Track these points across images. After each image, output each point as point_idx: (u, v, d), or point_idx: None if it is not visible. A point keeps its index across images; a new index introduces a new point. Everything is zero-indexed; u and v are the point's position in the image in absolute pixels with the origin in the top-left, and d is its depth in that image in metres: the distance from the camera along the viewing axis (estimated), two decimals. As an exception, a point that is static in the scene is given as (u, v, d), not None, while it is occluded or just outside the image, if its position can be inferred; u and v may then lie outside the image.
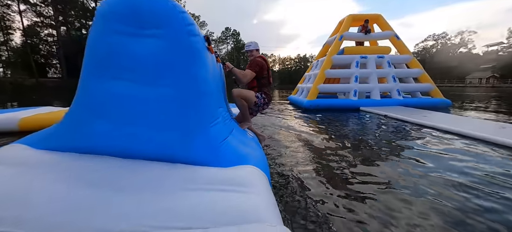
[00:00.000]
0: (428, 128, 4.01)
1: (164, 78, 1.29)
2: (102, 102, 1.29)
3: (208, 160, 1.30)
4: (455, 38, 49.80)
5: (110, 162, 1.22)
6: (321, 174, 2.07)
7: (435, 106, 6.95)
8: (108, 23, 1.29)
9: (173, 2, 1.33)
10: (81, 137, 1.30)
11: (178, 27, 1.30)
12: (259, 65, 2.46)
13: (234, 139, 1.65)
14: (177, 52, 1.31)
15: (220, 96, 1.94)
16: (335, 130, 4.00)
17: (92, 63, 1.33)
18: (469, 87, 32.64)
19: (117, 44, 1.28)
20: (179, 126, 1.31)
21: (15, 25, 25.46)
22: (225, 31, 46.26)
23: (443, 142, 3.13)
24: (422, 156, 2.56)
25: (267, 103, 2.61)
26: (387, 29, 8.12)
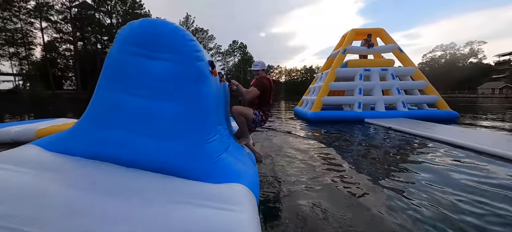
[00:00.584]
0: (432, 141, 4.01)
1: (173, 95, 1.49)
2: (115, 113, 1.48)
3: (202, 175, 1.40)
4: (464, 48, 49.08)
5: (113, 170, 1.35)
6: (319, 189, 2.10)
7: (442, 118, 6.88)
8: (127, 45, 1.51)
9: (184, 31, 1.55)
10: (91, 143, 1.46)
11: (187, 53, 1.52)
12: (264, 86, 2.63)
13: (229, 155, 1.74)
14: (185, 74, 1.50)
15: (220, 114, 2.09)
16: (339, 143, 4.06)
17: (110, 78, 1.53)
18: (481, 98, 31.67)
19: (133, 64, 1.49)
20: (181, 138, 1.46)
21: (37, 41, 27.25)
22: (232, 44, 47.57)
23: (446, 155, 3.15)
24: (424, 170, 2.59)
25: (264, 120, 2.78)
26: (390, 42, 8.24)
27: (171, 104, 1.47)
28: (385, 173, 2.49)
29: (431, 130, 4.63)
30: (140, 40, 1.48)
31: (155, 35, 1.48)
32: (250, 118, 2.61)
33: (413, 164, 2.78)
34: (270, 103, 2.74)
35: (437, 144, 3.76)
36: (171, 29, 1.50)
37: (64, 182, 1.17)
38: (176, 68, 1.48)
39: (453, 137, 3.89)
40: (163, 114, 1.46)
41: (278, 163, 2.84)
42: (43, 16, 26.44)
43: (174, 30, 1.50)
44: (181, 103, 1.48)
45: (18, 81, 28.28)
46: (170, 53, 1.49)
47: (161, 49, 1.49)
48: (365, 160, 3.01)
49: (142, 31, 1.49)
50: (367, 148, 3.66)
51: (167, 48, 1.48)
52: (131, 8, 32.91)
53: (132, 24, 1.53)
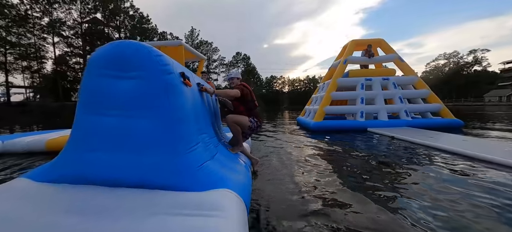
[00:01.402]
0: (435, 150, 4.00)
1: (145, 111, 1.53)
2: (93, 136, 1.53)
3: (184, 184, 1.43)
4: (468, 56, 48.89)
5: (97, 191, 1.39)
6: (318, 199, 2.12)
7: (446, 126, 6.83)
8: (97, 68, 1.57)
9: (150, 48, 1.61)
10: (74, 168, 1.52)
11: (154, 68, 1.56)
12: (242, 90, 2.67)
13: (216, 163, 1.77)
14: (154, 88, 1.55)
15: (201, 122, 2.07)
16: (340, 152, 4.09)
17: (85, 102, 1.60)
18: (488, 106, 31.14)
19: (104, 85, 1.55)
20: (159, 151, 1.49)
21: (48, 55, 28.39)
22: (236, 55, 48.56)
23: (450, 164, 3.14)
24: (429, 180, 2.59)
25: (260, 126, 2.82)
26: (390, 52, 8.36)
27: (144, 120, 1.53)
28: (389, 184, 2.48)
29: (435, 139, 4.62)
30: (109, 63, 1.56)
31: (122, 56, 1.55)
32: (246, 126, 2.65)
33: (418, 174, 2.77)
34: (256, 105, 2.80)
35: (443, 154, 3.75)
36: (137, 48, 1.57)
37: (46, 210, 1.21)
38: (145, 84, 1.54)
39: (458, 146, 3.87)
40: (138, 130, 1.51)
41: (277, 172, 2.89)
42: (55, 31, 27.69)
43: (140, 49, 1.57)
44: (154, 117, 1.53)
45: (29, 93, 29.27)
46: (138, 70, 1.55)
47: (129, 68, 1.55)
48: (367, 170, 3.03)
49: (110, 54, 1.57)
50: (370, 158, 3.66)
51: (134, 67, 1.55)
52: (138, 23, 34.25)
53: (100, 49, 1.62)
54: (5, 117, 16.50)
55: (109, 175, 1.47)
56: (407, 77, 8.03)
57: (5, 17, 23.83)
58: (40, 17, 26.76)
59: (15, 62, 26.06)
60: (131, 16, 34.00)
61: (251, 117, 2.70)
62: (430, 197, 2.06)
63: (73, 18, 29.00)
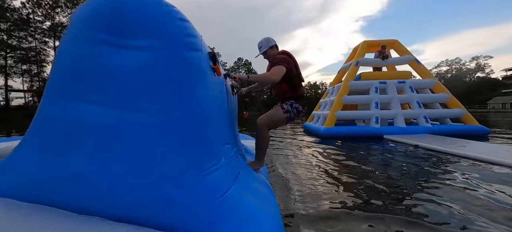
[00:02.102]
0: (475, 161, 3.43)
1: (149, 102, 0.95)
2: (64, 132, 0.96)
3: (200, 226, 0.89)
4: (470, 63, 48.72)
5: (55, 219, 0.84)
6: (334, 218, 1.65)
7: (470, 133, 6.28)
8: (82, 29, 0.98)
9: (169, 6, 1.03)
10: (29, 178, 0.95)
11: (173, 37, 1.00)
12: (286, 60, 1.84)
13: (241, 188, 1.17)
14: (170, 69, 0.98)
15: (227, 129, 1.52)
16: (358, 163, 3.53)
17: (58, 80, 1.01)
18: (493, 113, 30.60)
19: (89, 56, 0.97)
20: (164, 169, 0.93)
21: (49, 59, 28.15)
22: (237, 61, 48.57)
23: (500, 178, 2.60)
24: (471, 198, 2.06)
25: (302, 111, 1.96)
26: (406, 54, 7.90)
27: (151, 115, 0.96)
28: (419, 204, 1.96)
29: (469, 149, 4.07)
30: (104, 21, 0.97)
31: (127, 12, 0.96)
32: (283, 122, 1.89)
33: (457, 192, 2.23)
34: (302, 80, 2.00)
35: (484, 165, 3.20)
36: (151, 2, 0.99)
37: None
38: (158, 60, 0.98)
39: (502, 157, 3.33)
40: (139, 132, 0.94)
41: (289, 186, 2.35)
42: (57, 35, 27.55)
43: (155, 4, 0.99)
44: (165, 114, 0.97)
45: (29, 97, 28.94)
46: (149, 38, 0.97)
47: (135, 33, 0.97)
48: (390, 184, 2.48)
49: (108, 8, 0.97)
50: (392, 170, 3.10)
51: (144, 32, 0.97)
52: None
53: (94, 0, 1.01)
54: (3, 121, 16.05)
55: (80, 196, 0.90)
56: (425, 80, 7.52)
57: (7, 21, 23.72)
58: (42, 21, 26.69)
59: (15, 66, 25.84)
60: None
61: (289, 101, 1.91)
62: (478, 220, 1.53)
63: (75, 22, 28.99)
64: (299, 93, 1.96)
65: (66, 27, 13.71)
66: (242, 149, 2.28)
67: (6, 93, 25.30)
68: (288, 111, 1.87)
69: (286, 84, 1.89)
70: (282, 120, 1.87)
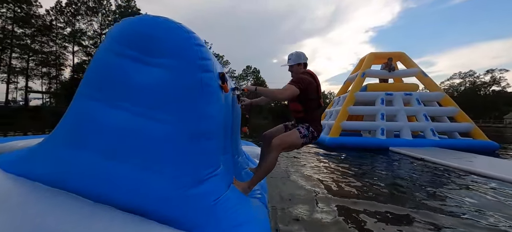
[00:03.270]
0: (482, 176, 3.41)
1: (166, 113, 1.14)
2: (89, 128, 1.15)
3: (196, 222, 1.04)
4: (485, 76, 47.19)
5: (75, 205, 1.02)
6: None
7: (478, 148, 6.13)
8: (116, 44, 1.20)
9: (189, 33, 1.22)
10: (54, 166, 1.13)
11: (190, 60, 1.18)
12: (305, 82, 1.74)
13: (236, 193, 1.33)
14: (184, 86, 1.16)
15: (228, 140, 1.67)
16: (363, 174, 3.58)
17: (90, 84, 1.23)
18: (509, 128, 29.29)
19: (121, 68, 1.17)
20: (172, 171, 1.10)
21: (67, 63, 29.70)
22: (246, 69, 49.22)
23: (502, 194, 2.59)
24: (476, 216, 2.09)
25: (316, 138, 1.83)
26: (412, 67, 7.89)
27: (164, 124, 1.13)
28: (423, 218, 2.01)
29: (475, 164, 4.02)
30: (133, 40, 1.18)
31: (153, 35, 1.16)
32: (297, 147, 1.78)
33: (460, 207, 2.26)
34: (321, 105, 1.88)
35: (488, 181, 3.18)
36: (174, 28, 1.18)
37: (7, 220, 0.89)
38: (175, 78, 1.16)
39: (505, 172, 3.30)
40: (152, 137, 1.12)
41: (291, 196, 2.44)
42: (76, 41, 29.13)
43: (177, 30, 1.18)
44: (177, 124, 1.14)
45: (46, 99, 30.41)
46: (169, 58, 1.16)
47: (157, 53, 1.17)
48: (395, 198, 2.53)
49: (138, 29, 1.18)
50: (397, 183, 3.13)
51: (165, 52, 1.16)
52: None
53: (127, 20, 1.25)
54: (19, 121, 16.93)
55: (97, 186, 1.07)
56: (432, 93, 7.46)
57: (31, 27, 25.35)
58: (63, 27, 28.33)
59: (36, 68, 27.36)
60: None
61: (305, 124, 1.79)
62: None
63: (94, 29, 30.52)
64: (315, 116, 1.82)
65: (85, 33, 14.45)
66: (243, 156, 2.42)
67: (26, 94, 26.73)
68: (305, 135, 1.74)
69: (301, 105, 1.79)
70: (297, 145, 1.76)
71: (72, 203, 1.03)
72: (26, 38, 25.38)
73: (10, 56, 24.45)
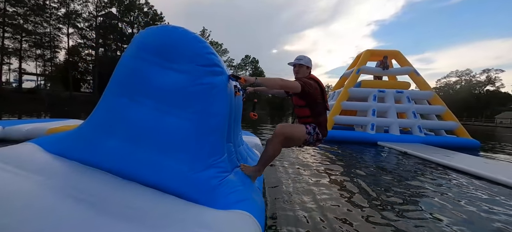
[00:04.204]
0: (453, 171, 3.76)
1: (182, 110, 1.39)
2: (118, 121, 1.40)
3: (202, 198, 1.29)
4: (480, 75, 47.77)
5: (108, 180, 1.27)
6: (328, 216, 1.95)
7: (461, 146, 6.52)
8: (141, 51, 1.44)
9: (204, 43, 1.46)
10: (90, 149, 1.39)
11: (204, 66, 1.42)
12: (312, 87, 1.73)
13: (237, 177, 1.57)
14: (199, 89, 1.40)
15: (231, 128, 1.85)
16: (350, 165, 3.90)
17: (118, 83, 1.47)
18: (500, 128, 30.18)
19: (144, 70, 1.42)
20: (187, 157, 1.35)
21: (62, 45, 29.07)
22: (244, 58, 48.77)
23: (471, 188, 2.92)
24: (444, 202, 2.40)
25: (320, 140, 1.82)
26: (406, 65, 8.12)
27: (179, 119, 1.38)
28: (399, 203, 2.34)
29: (452, 159, 4.37)
30: (155, 47, 1.43)
31: (172, 44, 1.42)
32: (301, 141, 1.76)
33: (431, 195, 2.60)
34: (327, 108, 1.87)
35: (460, 175, 3.52)
36: (190, 38, 1.42)
37: (54, 189, 1.10)
38: (189, 81, 1.40)
39: (479, 168, 3.63)
40: (169, 129, 1.37)
41: (282, 185, 2.73)
42: (71, 22, 28.37)
43: (193, 40, 1.43)
44: (191, 119, 1.39)
45: (40, 81, 29.93)
46: (185, 64, 1.41)
47: (176, 59, 1.41)
48: (376, 185, 2.85)
49: (159, 38, 1.43)
50: (380, 173, 3.49)
51: (182, 59, 1.41)
52: (152, 20, 34.79)
53: (150, 29, 1.49)
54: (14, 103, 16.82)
55: (126, 166, 1.34)
56: (422, 91, 7.76)
57: (24, 6, 24.54)
58: (58, 7, 27.48)
59: (29, 50, 26.75)
60: (145, 13, 34.60)
61: (311, 124, 1.78)
62: (444, 221, 1.88)
63: (89, 11, 29.68)
64: (321, 121, 1.80)
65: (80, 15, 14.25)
66: (243, 145, 2.67)
67: (20, 76, 26.27)
68: (310, 133, 1.74)
69: (310, 109, 1.78)
70: (301, 139, 1.74)
71: (105, 177, 1.29)
72: (18, 17, 24.62)
73: (2, 36, 23.81)
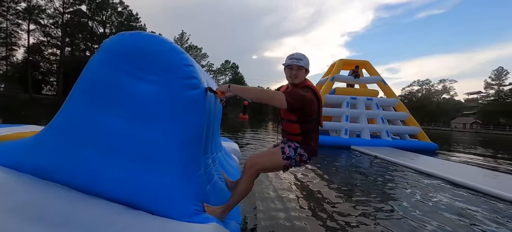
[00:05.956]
0: (417, 171, 4.15)
1: (156, 122, 1.29)
2: (85, 130, 1.28)
3: (178, 213, 1.23)
4: (438, 85, 53.64)
5: (74, 197, 1.16)
6: (299, 217, 2.04)
7: (422, 149, 7.21)
8: (112, 58, 1.32)
9: (182, 54, 1.35)
10: (50, 161, 1.26)
11: (180, 79, 1.31)
12: (307, 102, 1.40)
13: (213, 190, 1.54)
14: (174, 102, 1.31)
15: (208, 139, 1.79)
16: (324, 168, 4.09)
17: (86, 90, 1.34)
18: (455, 132, 34.02)
19: (115, 80, 1.30)
20: (160, 170, 1.27)
21: (21, 42, 26.15)
22: (224, 63, 48.53)
23: (431, 187, 3.24)
24: (408, 199, 2.65)
25: (306, 161, 1.54)
26: (375, 74, 8.83)
27: (152, 132, 1.29)
28: (368, 201, 2.54)
29: (415, 161, 4.81)
30: (128, 55, 1.30)
31: (147, 53, 1.30)
32: (279, 169, 1.53)
33: (396, 191, 2.89)
34: (321, 125, 1.57)
35: (422, 176, 3.89)
36: (167, 49, 1.32)
37: (4, 211, 0.98)
38: (164, 94, 1.30)
39: (437, 169, 4.06)
40: (142, 142, 1.27)
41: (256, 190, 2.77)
42: (32, 18, 25.76)
43: (170, 51, 1.32)
44: (165, 132, 1.30)
45: (-7, 82, 26.50)
46: (160, 75, 1.30)
47: (150, 69, 1.30)
48: (349, 187, 3.04)
49: (133, 45, 1.31)
50: (353, 175, 3.75)
51: (157, 70, 1.30)
52: (126, 20, 33.10)
53: (122, 35, 1.36)
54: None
55: (93, 181, 1.23)
56: (389, 99, 8.48)
57: (-26, -3, 21.79)
58: (17, 1, 24.82)
59: (-21, 46, 23.68)
60: (119, 13, 32.83)
61: (294, 143, 1.51)
62: (405, 214, 2.12)
63: (55, 7, 27.31)
64: (311, 138, 1.52)
65: (44, 10, 13.06)
66: (221, 151, 2.64)
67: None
68: (289, 157, 1.46)
69: (300, 126, 1.49)
70: (278, 167, 1.51)
71: (69, 194, 1.17)
72: (-34, 9, 21.75)
73: None
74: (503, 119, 38.44)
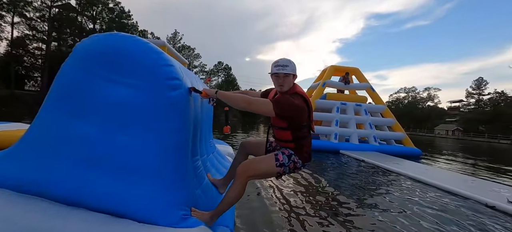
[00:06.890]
0: (401, 176, 4.38)
1: (135, 128, 1.21)
2: (60, 141, 1.20)
3: (165, 219, 1.16)
4: (423, 93, 56.00)
5: (56, 210, 1.09)
6: (288, 218, 2.17)
7: (407, 154, 7.54)
8: (85, 62, 1.24)
9: (159, 54, 1.26)
10: (27, 174, 1.18)
11: (158, 81, 1.23)
12: (296, 110, 1.38)
13: (203, 194, 1.49)
14: (154, 106, 1.23)
15: (196, 141, 1.70)
16: (314, 172, 4.22)
17: (59, 98, 1.26)
18: (438, 138, 35.56)
19: (90, 85, 1.23)
20: (143, 177, 1.19)
21: (3, 35, 24.91)
22: (217, 64, 48.38)
23: (414, 190, 3.45)
24: (393, 201, 2.82)
25: (300, 167, 1.52)
26: (364, 81, 9.17)
27: (133, 139, 1.20)
28: (356, 203, 2.69)
29: (401, 166, 5.06)
30: (102, 58, 1.22)
31: (122, 54, 1.22)
32: (272, 176, 1.48)
33: (381, 195, 3.06)
34: (312, 130, 1.55)
35: (406, 180, 4.11)
36: (144, 49, 1.23)
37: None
38: (144, 98, 1.21)
39: (420, 174, 4.30)
40: (123, 150, 1.19)
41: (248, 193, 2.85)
42: (17, 11, 24.64)
43: (147, 51, 1.23)
44: (146, 138, 1.21)
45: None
46: (137, 79, 1.21)
47: (126, 73, 1.22)
48: (338, 190, 3.18)
49: (107, 47, 1.22)
50: (341, 178, 3.93)
51: (134, 73, 1.21)
52: (118, 17, 32.34)
53: (95, 37, 1.28)
54: None
55: (73, 193, 1.15)
56: (377, 105, 8.82)
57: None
58: (-1, -8, 23.68)
59: (-43, 37, 22.36)
60: (111, 9, 32.03)
61: (287, 150, 1.49)
62: (391, 216, 2.27)
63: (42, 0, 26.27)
64: (304, 144, 1.49)
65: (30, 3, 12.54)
66: (213, 152, 2.65)
67: None
68: (283, 164, 1.43)
69: (292, 134, 1.46)
70: (271, 174, 1.46)
71: (48, 207, 1.11)
72: None
73: None
74: (482, 127, 40.67)
